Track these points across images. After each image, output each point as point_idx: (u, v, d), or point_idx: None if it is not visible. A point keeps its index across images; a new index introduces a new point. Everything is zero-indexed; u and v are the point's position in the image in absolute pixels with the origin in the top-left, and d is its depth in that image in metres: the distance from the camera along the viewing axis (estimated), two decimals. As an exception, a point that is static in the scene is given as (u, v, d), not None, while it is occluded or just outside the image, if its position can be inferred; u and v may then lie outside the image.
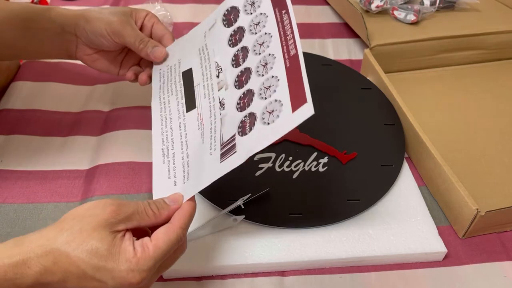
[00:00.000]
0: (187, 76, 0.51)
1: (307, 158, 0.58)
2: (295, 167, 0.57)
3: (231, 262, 0.49)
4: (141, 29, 0.56)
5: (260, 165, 0.57)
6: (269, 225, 0.52)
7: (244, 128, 0.42)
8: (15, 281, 0.35)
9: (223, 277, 0.49)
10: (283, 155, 0.58)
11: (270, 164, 0.57)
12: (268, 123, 0.40)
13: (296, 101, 0.39)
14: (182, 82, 0.51)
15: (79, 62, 0.73)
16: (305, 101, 0.38)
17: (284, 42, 0.43)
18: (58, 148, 0.61)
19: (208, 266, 0.48)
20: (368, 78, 0.71)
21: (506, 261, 0.52)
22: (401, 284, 0.50)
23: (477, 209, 0.50)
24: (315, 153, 0.59)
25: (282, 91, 0.40)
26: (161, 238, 0.38)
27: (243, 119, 0.43)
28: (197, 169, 0.43)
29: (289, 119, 0.38)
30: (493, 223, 0.53)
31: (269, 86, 0.42)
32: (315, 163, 0.58)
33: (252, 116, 0.42)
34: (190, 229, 0.50)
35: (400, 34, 0.74)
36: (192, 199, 0.42)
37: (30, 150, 0.60)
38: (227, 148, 0.42)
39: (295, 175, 0.57)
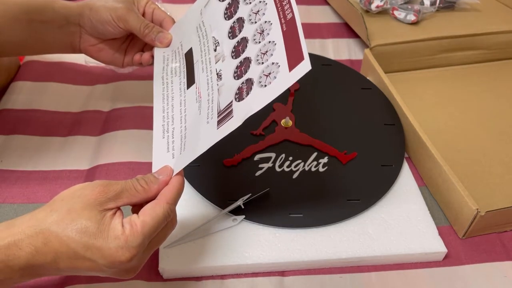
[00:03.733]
0: (189, 56, 0.52)
1: (307, 158, 0.58)
2: (295, 167, 0.57)
3: (231, 262, 0.49)
4: (143, 16, 0.57)
5: (260, 165, 0.57)
6: (269, 225, 0.52)
7: (241, 94, 0.42)
8: (7, 263, 0.36)
9: (223, 277, 0.49)
10: (283, 155, 0.58)
11: (270, 164, 0.57)
12: (265, 85, 0.41)
13: (293, 60, 0.39)
14: (185, 63, 0.52)
15: (79, 61, 0.73)
16: (302, 58, 0.38)
17: (280, 8, 0.43)
18: (58, 148, 0.61)
19: (208, 266, 0.48)
20: (368, 78, 0.71)
21: (506, 261, 0.52)
22: (401, 284, 0.50)
23: (477, 209, 0.50)
24: (315, 153, 0.59)
25: (279, 54, 0.41)
26: (148, 213, 0.38)
27: (240, 85, 0.43)
28: (193, 140, 0.44)
29: (286, 77, 0.39)
30: (493, 223, 0.53)
31: (266, 51, 0.43)
32: (315, 163, 0.58)
33: (249, 82, 0.43)
34: (190, 229, 0.50)
35: (400, 34, 0.74)
36: (180, 173, 0.42)
37: (30, 150, 0.60)
38: (224, 115, 0.43)
39: (295, 175, 0.57)
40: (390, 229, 0.53)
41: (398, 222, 0.53)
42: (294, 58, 0.39)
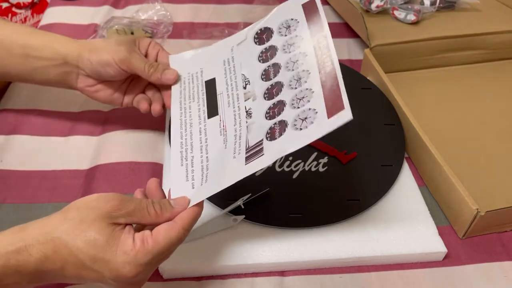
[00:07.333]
0: (210, 85, 0.53)
1: (307, 158, 0.58)
2: (295, 167, 0.57)
3: (231, 262, 0.49)
4: (146, 56, 0.55)
5: (260, 165, 0.57)
6: (269, 225, 0.52)
7: (273, 134, 0.43)
8: (17, 268, 0.36)
9: (223, 277, 0.49)
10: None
11: (270, 164, 0.57)
12: (301, 129, 0.42)
13: (333, 108, 0.41)
14: (205, 90, 0.52)
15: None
16: (342, 107, 0.40)
17: (320, 61, 0.45)
18: (58, 148, 0.61)
19: (208, 266, 0.48)
20: (368, 78, 0.71)
21: (506, 261, 0.52)
22: (401, 284, 0.50)
23: (477, 209, 0.50)
24: (315, 153, 0.59)
25: (317, 101, 0.42)
26: (162, 234, 0.38)
27: (273, 126, 0.44)
28: (217, 172, 0.44)
29: (325, 123, 0.40)
30: (493, 223, 0.53)
31: (303, 97, 0.44)
32: (315, 163, 0.58)
33: (282, 123, 0.44)
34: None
35: (400, 34, 0.74)
36: (199, 203, 0.42)
37: (30, 150, 0.60)
38: (254, 152, 0.43)
39: (295, 175, 0.56)
40: (390, 229, 0.52)
41: (398, 222, 0.53)
42: (333, 106, 0.41)
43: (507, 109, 0.70)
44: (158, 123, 0.63)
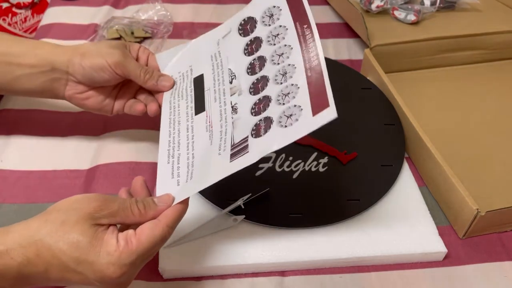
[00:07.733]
0: (198, 81, 0.52)
1: (307, 158, 0.58)
2: (295, 167, 0.57)
3: (231, 262, 0.49)
4: (136, 61, 0.54)
5: (260, 165, 0.57)
6: (269, 225, 0.52)
7: (258, 131, 0.43)
8: None
9: (223, 277, 0.49)
10: (283, 155, 0.58)
11: (270, 164, 0.57)
12: (286, 126, 0.41)
13: (318, 106, 0.40)
14: (193, 87, 0.52)
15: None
16: (327, 105, 0.39)
17: (306, 55, 0.44)
18: (58, 148, 0.61)
19: (208, 266, 0.48)
20: (368, 78, 0.71)
21: (506, 261, 0.52)
22: (401, 284, 0.50)
23: (477, 209, 0.50)
24: (315, 153, 0.59)
25: (302, 98, 0.41)
26: (145, 233, 0.38)
27: (258, 122, 0.43)
28: (202, 170, 0.44)
29: (309, 121, 0.39)
30: (493, 223, 0.53)
31: (288, 93, 0.43)
32: (315, 163, 0.58)
33: (268, 120, 0.43)
34: (190, 229, 0.50)
35: (400, 34, 0.74)
36: (185, 201, 0.42)
37: (30, 150, 0.60)
38: (239, 149, 0.43)
39: (295, 175, 0.56)
40: (390, 229, 0.52)
41: (398, 222, 0.53)
42: (318, 104, 0.40)
43: (507, 109, 0.70)
44: (158, 123, 0.63)
